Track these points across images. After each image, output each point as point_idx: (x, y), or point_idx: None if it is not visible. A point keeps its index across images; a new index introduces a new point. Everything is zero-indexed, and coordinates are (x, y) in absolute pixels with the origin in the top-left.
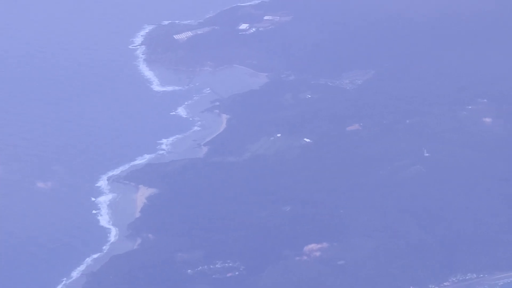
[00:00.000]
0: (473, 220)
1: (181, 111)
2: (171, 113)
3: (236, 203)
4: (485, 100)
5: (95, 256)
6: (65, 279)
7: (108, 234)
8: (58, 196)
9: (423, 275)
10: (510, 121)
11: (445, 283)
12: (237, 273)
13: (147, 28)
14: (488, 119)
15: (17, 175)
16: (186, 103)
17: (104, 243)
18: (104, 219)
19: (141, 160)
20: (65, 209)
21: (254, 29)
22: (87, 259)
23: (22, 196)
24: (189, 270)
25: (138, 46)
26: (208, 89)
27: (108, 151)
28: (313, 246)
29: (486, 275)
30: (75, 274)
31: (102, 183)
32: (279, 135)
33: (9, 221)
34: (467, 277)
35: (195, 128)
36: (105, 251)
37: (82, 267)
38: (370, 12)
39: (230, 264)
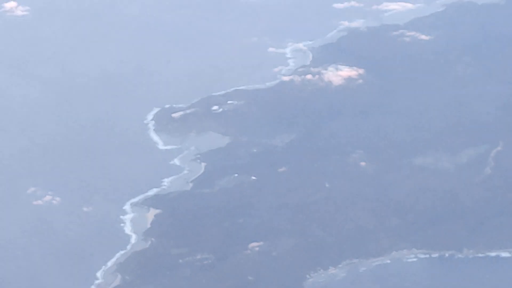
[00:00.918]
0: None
1: (176, 161)
2: (170, 162)
3: (210, 217)
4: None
5: (122, 251)
6: (104, 265)
7: (130, 238)
8: (99, 216)
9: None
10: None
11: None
12: (210, 261)
13: (155, 110)
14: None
15: (68, 202)
16: (179, 156)
17: (128, 244)
18: (127, 229)
19: (151, 192)
20: (103, 224)
21: (221, 109)
22: (117, 253)
23: (73, 216)
24: (180, 260)
25: (150, 121)
26: (193, 147)
27: (130, 187)
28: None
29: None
30: (109, 263)
31: (127, 207)
32: (236, 175)
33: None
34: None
35: (185, 171)
36: (128, 248)
37: (114, 259)
38: None
39: (205, 255)
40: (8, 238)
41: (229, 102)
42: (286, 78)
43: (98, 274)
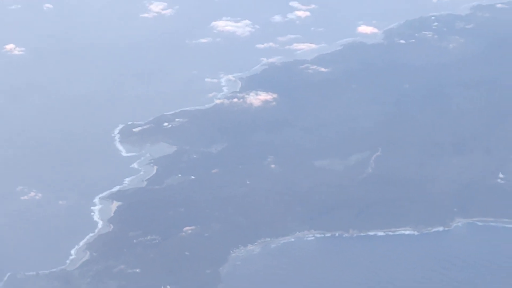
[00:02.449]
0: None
1: (135, 165)
2: (130, 166)
3: (159, 207)
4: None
5: (91, 234)
6: (77, 245)
7: (98, 224)
8: (73, 207)
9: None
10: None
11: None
12: (157, 240)
13: (120, 125)
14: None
15: (47, 197)
16: (137, 161)
17: (96, 228)
18: (96, 217)
19: (115, 188)
20: (77, 214)
21: (170, 125)
22: (87, 236)
23: (52, 208)
24: (134, 240)
25: (116, 134)
26: (148, 154)
27: (99, 185)
28: (187, 227)
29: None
30: (81, 243)
31: (96, 200)
32: (179, 175)
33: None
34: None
35: (141, 173)
36: (96, 232)
37: (84, 240)
38: None
39: (154, 237)
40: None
41: (176, 119)
42: (218, 101)
43: (72, 251)
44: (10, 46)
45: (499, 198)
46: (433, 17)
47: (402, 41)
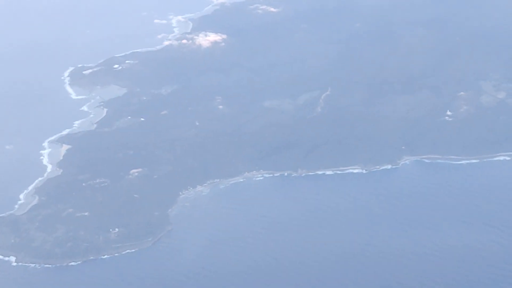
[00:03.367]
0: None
1: (85, 108)
2: (80, 109)
3: (109, 150)
4: None
5: (40, 178)
6: (25, 190)
7: (47, 168)
8: (21, 152)
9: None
10: None
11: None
12: (106, 183)
13: (70, 68)
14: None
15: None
16: (87, 103)
17: (45, 172)
18: (45, 161)
19: (64, 132)
20: (25, 158)
21: (120, 67)
22: (36, 180)
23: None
24: (83, 184)
25: (66, 77)
26: (98, 97)
27: (48, 128)
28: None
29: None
30: (30, 187)
31: (45, 144)
32: (129, 117)
33: None
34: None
35: (91, 115)
36: (45, 176)
37: (33, 184)
38: None
39: (103, 179)
40: None
41: (126, 61)
42: (167, 43)
43: (21, 196)
44: None
45: (446, 135)
46: None
47: None
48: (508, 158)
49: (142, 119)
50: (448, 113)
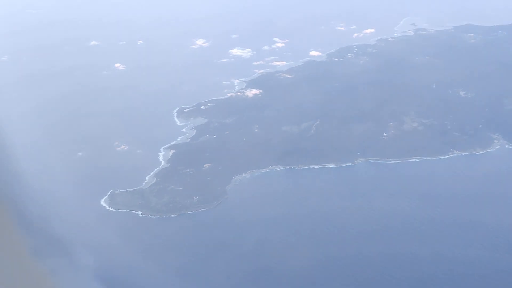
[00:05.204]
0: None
1: (184, 130)
2: (182, 130)
3: (195, 153)
4: None
5: (157, 168)
6: (148, 175)
7: (161, 163)
8: (147, 154)
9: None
10: None
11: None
12: (192, 171)
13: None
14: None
15: (130, 147)
16: (185, 128)
17: (160, 165)
18: (161, 158)
19: (172, 142)
20: (150, 157)
21: (204, 108)
22: (155, 169)
23: (131, 155)
24: (180, 172)
25: (174, 113)
26: (191, 124)
27: (162, 140)
28: (207, 164)
29: None
30: (152, 173)
31: (161, 149)
32: (207, 135)
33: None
34: None
35: (187, 134)
36: (160, 167)
37: (154, 172)
38: None
39: (190, 169)
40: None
41: (208, 104)
42: (229, 94)
43: (146, 178)
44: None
45: (383, 147)
46: (354, 46)
47: (336, 59)
48: (417, 160)
49: (214, 136)
50: (384, 134)
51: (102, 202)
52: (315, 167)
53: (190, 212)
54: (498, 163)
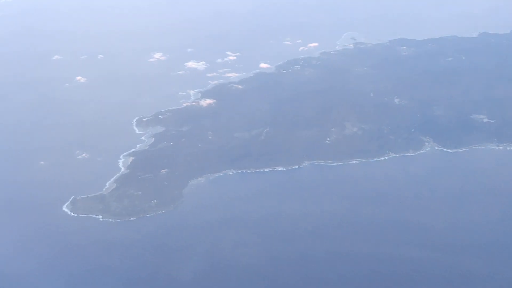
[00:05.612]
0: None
1: (143, 138)
2: (141, 138)
3: (153, 159)
4: None
5: (117, 174)
6: (109, 180)
7: (121, 169)
8: (107, 161)
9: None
10: None
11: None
12: (151, 176)
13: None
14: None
15: (90, 155)
16: (144, 136)
17: (120, 171)
18: (120, 165)
19: (131, 150)
20: (110, 164)
21: (162, 117)
22: (115, 175)
23: (92, 163)
24: (139, 177)
25: (133, 122)
26: (150, 132)
27: (122, 148)
28: (164, 170)
29: None
30: (112, 179)
31: (121, 156)
32: (165, 142)
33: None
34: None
35: (145, 141)
36: (119, 173)
37: (114, 177)
38: None
39: (149, 174)
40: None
41: (165, 114)
42: (185, 104)
43: (107, 183)
44: None
45: (327, 150)
46: (300, 58)
47: (284, 71)
48: (357, 162)
49: (172, 143)
50: (328, 139)
51: (64, 208)
52: (265, 170)
53: (149, 215)
54: (429, 164)
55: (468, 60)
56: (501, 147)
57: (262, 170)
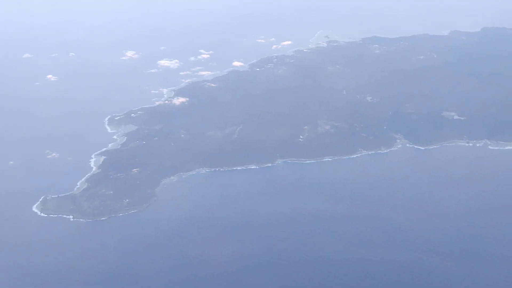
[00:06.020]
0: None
1: (115, 137)
2: (113, 137)
3: (125, 158)
4: None
5: (89, 174)
6: (80, 180)
7: (93, 168)
8: (79, 160)
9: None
10: None
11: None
12: (122, 176)
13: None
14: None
15: (61, 155)
16: (116, 134)
17: (91, 170)
18: (92, 164)
19: (103, 149)
20: (81, 163)
21: (135, 116)
22: (87, 175)
23: (63, 162)
24: (111, 176)
25: (105, 121)
26: (122, 131)
27: (93, 147)
28: (136, 169)
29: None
30: (83, 178)
31: (93, 156)
32: (137, 141)
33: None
34: None
35: (117, 140)
36: (91, 172)
37: (85, 177)
38: None
39: (120, 174)
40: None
41: (138, 112)
42: (158, 103)
43: (78, 183)
44: None
45: (300, 149)
46: (273, 56)
47: (257, 69)
48: (330, 159)
49: (144, 142)
50: (301, 137)
51: (34, 208)
52: (238, 168)
53: (120, 214)
54: (400, 161)
55: (439, 58)
56: (471, 144)
57: (235, 168)
